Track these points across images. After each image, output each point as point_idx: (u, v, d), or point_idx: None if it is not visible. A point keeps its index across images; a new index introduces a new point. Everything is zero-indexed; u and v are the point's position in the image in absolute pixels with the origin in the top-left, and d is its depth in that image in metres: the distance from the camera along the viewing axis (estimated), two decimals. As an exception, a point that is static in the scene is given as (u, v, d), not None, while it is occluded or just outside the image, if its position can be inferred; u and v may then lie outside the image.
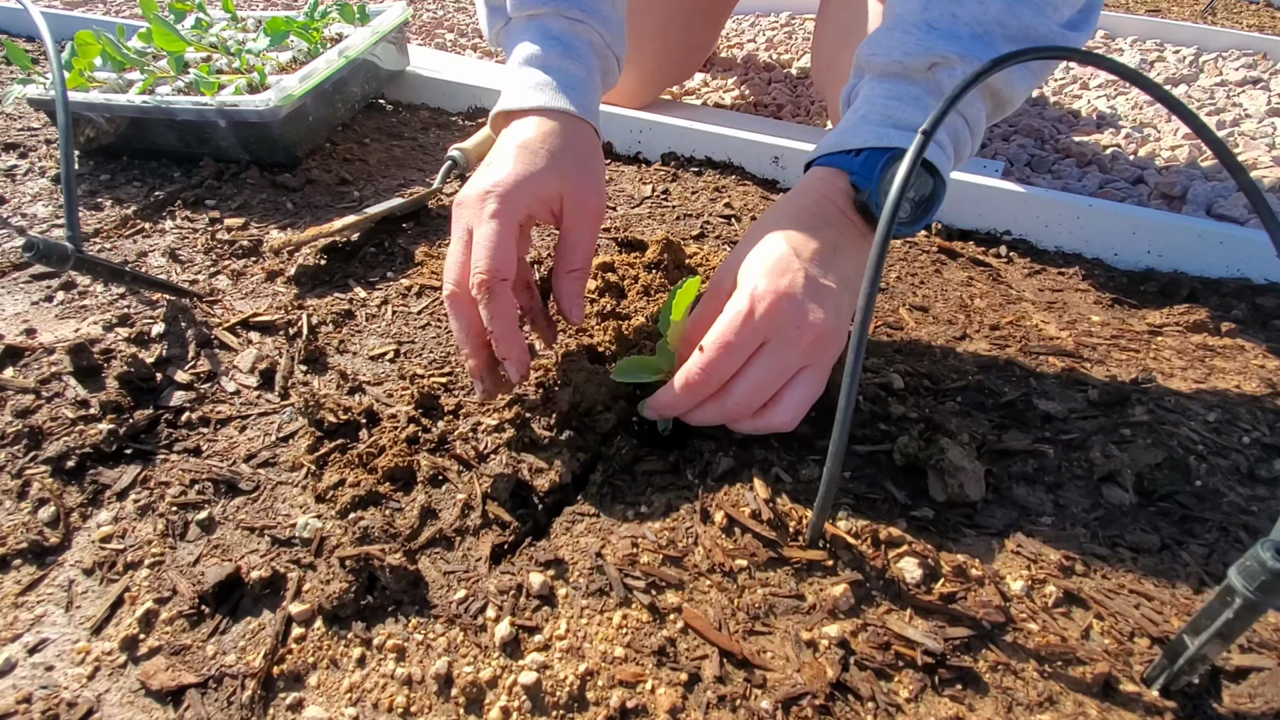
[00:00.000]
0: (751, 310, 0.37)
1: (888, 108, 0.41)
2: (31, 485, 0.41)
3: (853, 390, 0.31)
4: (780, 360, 0.38)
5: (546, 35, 0.46)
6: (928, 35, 0.40)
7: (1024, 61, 0.34)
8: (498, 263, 0.39)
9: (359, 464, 0.42)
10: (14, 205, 0.74)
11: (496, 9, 0.48)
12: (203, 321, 0.54)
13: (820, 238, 0.41)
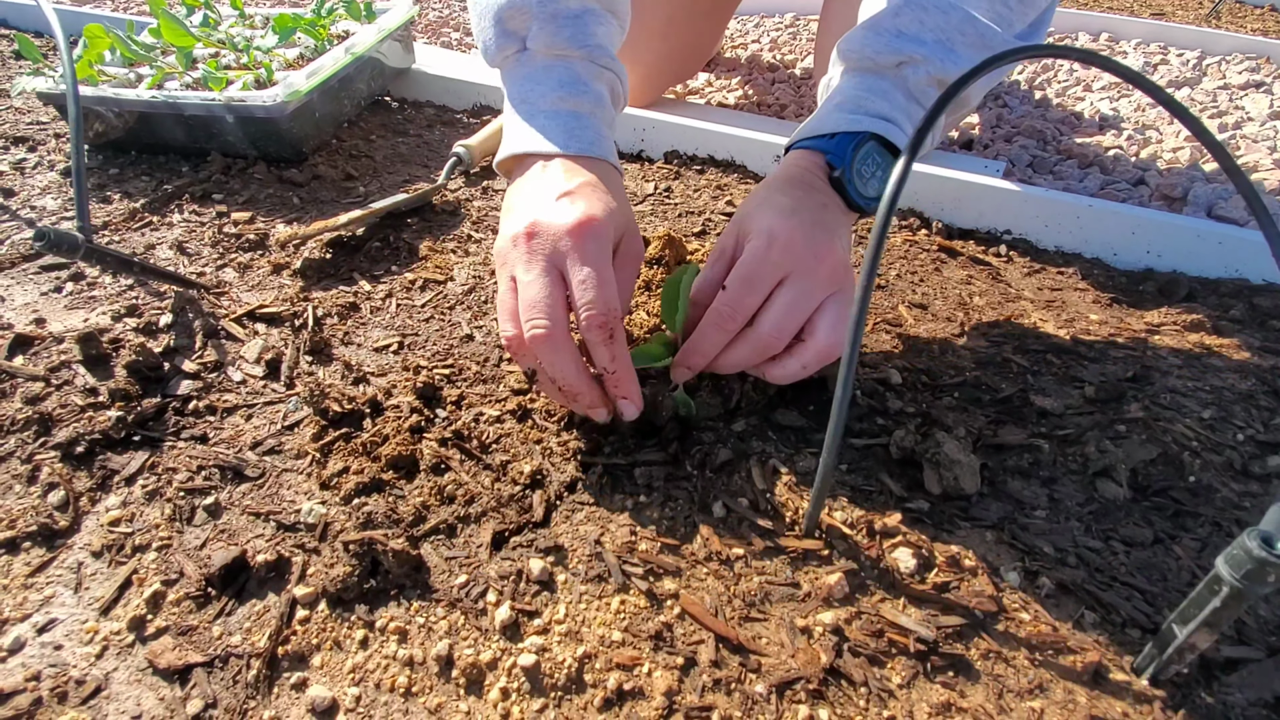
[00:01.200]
0: (769, 246, 0.40)
1: (859, 99, 0.45)
2: (41, 470, 0.42)
3: (849, 381, 0.32)
4: (803, 286, 0.40)
5: (577, 80, 0.45)
6: (897, 39, 0.44)
7: (1009, 63, 0.35)
8: (616, 300, 0.38)
9: (363, 452, 0.43)
10: (23, 198, 0.75)
11: (511, 34, 0.46)
12: (210, 313, 0.55)
13: (811, 199, 0.44)
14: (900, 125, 0.44)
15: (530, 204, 0.42)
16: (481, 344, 0.53)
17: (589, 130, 0.45)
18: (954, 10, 0.43)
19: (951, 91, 0.36)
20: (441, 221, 0.70)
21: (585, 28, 0.46)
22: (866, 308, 0.32)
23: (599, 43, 0.46)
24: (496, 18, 0.46)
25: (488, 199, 0.75)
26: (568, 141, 0.44)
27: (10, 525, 0.39)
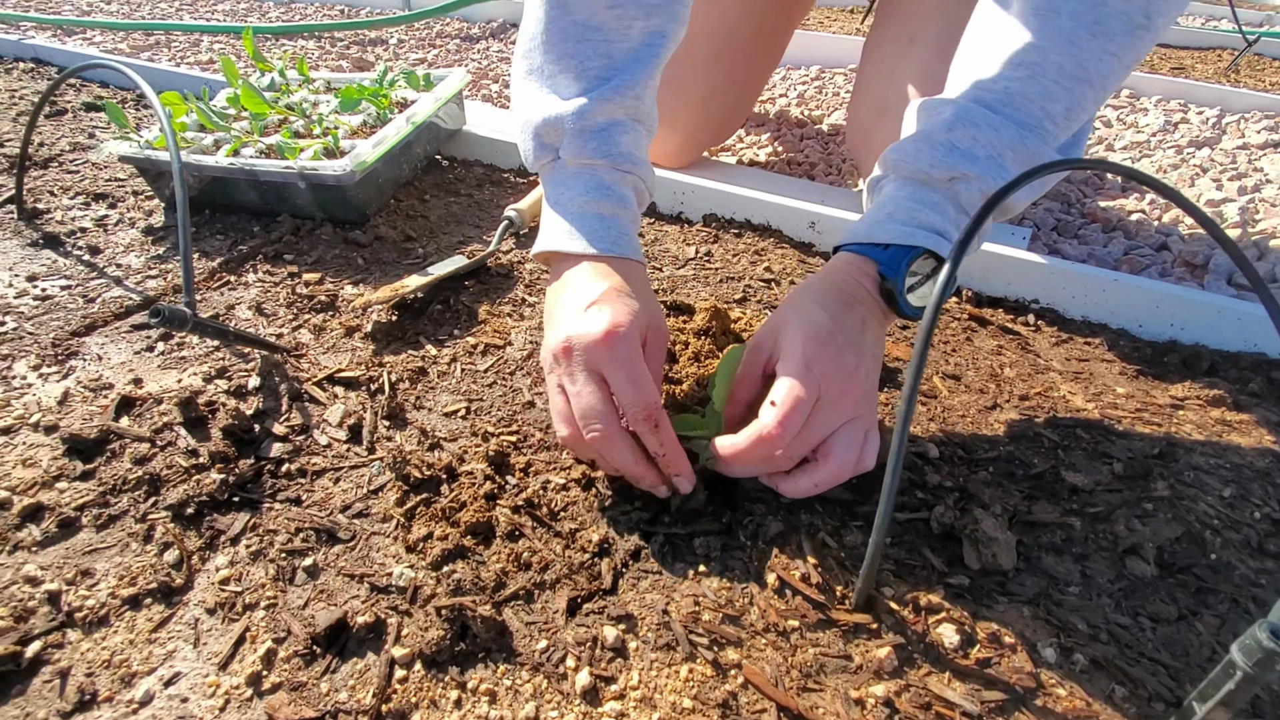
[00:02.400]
0: (807, 373, 0.42)
1: (912, 211, 0.48)
2: (156, 529, 0.46)
3: (897, 470, 0.36)
4: (827, 414, 0.43)
5: (602, 186, 0.51)
6: (950, 153, 0.46)
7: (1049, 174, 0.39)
8: (653, 394, 0.44)
9: (443, 517, 0.47)
10: (108, 255, 0.81)
11: (547, 146, 0.52)
12: (294, 376, 0.60)
13: (853, 314, 0.47)
14: (950, 238, 0.47)
15: (565, 317, 0.47)
16: (542, 410, 0.57)
17: (612, 230, 0.51)
18: (1005, 129, 0.46)
19: (994, 202, 0.40)
20: (496, 284, 0.75)
21: (611, 139, 0.51)
22: (912, 411, 0.36)
23: (623, 151, 0.52)
24: (535, 133, 0.52)
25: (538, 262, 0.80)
26: (593, 241, 0.50)
27: (132, 582, 0.43)
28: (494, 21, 2.26)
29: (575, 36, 0.50)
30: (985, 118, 0.46)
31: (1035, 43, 0.46)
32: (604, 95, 0.49)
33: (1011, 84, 0.46)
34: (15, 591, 0.43)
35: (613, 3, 0.49)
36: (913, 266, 0.46)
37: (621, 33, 0.50)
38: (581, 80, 0.50)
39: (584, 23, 0.50)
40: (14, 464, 0.51)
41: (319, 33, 2.08)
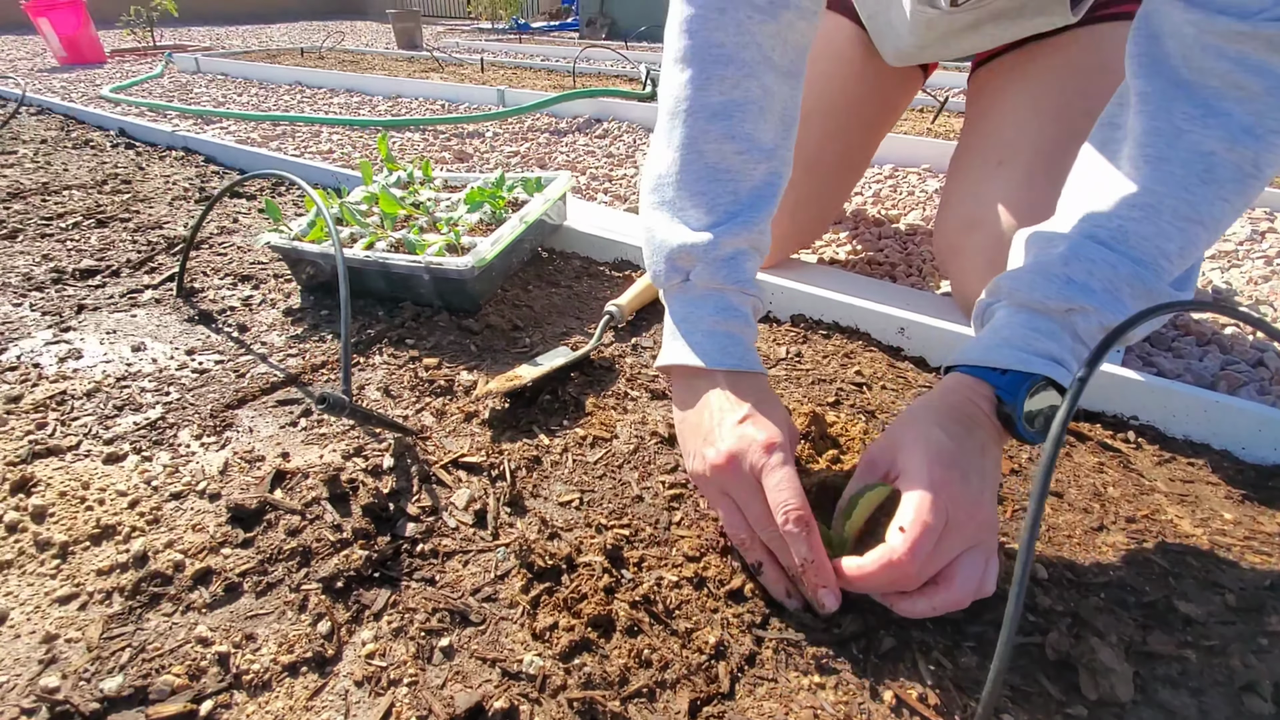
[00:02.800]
0: (935, 498, 0.44)
1: (1028, 337, 0.50)
2: (309, 600, 0.51)
3: (1020, 598, 0.37)
4: (952, 541, 0.44)
5: (730, 307, 0.57)
6: (1067, 286, 0.49)
7: (1167, 314, 0.41)
8: (805, 499, 0.48)
9: (566, 608, 0.50)
10: (254, 333, 0.90)
11: (679, 269, 0.57)
12: (423, 458, 0.65)
13: (973, 437, 0.49)
14: (1068, 365, 0.49)
15: (721, 432, 0.52)
16: (650, 505, 0.61)
17: (739, 347, 0.57)
18: (1122, 264, 0.48)
19: (1115, 336, 0.42)
20: (599, 377, 0.80)
21: (738, 266, 0.57)
22: (1034, 541, 0.37)
23: (748, 277, 0.58)
24: (668, 257, 0.58)
25: (638, 355, 0.85)
26: (723, 358, 0.56)
27: (290, 650, 0.47)
28: (579, 118, 2.44)
29: (708, 178, 0.57)
30: (1101, 254, 0.49)
31: (1149, 186, 0.49)
32: (732, 229, 0.56)
33: (1127, 223, 0.49)
34: (189, 650, 0.47)
35: (740, 149, 0.57)
36: (1035, 396, 0.48)
37: (747, 174, 0.57)
38: (712, 214, 0.57)
39: (715, 166, 0.57)
40: (185, 528, 0.57)
41: (424, 126, 2.28)
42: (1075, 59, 0.81)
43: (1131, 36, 0.51)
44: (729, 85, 0.57)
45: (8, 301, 0.99)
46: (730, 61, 0.57)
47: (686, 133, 0.58)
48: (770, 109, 0.58)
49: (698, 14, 0.57)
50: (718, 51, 0.57)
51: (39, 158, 1.77)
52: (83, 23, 4.19)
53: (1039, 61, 0.84)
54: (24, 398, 0.75)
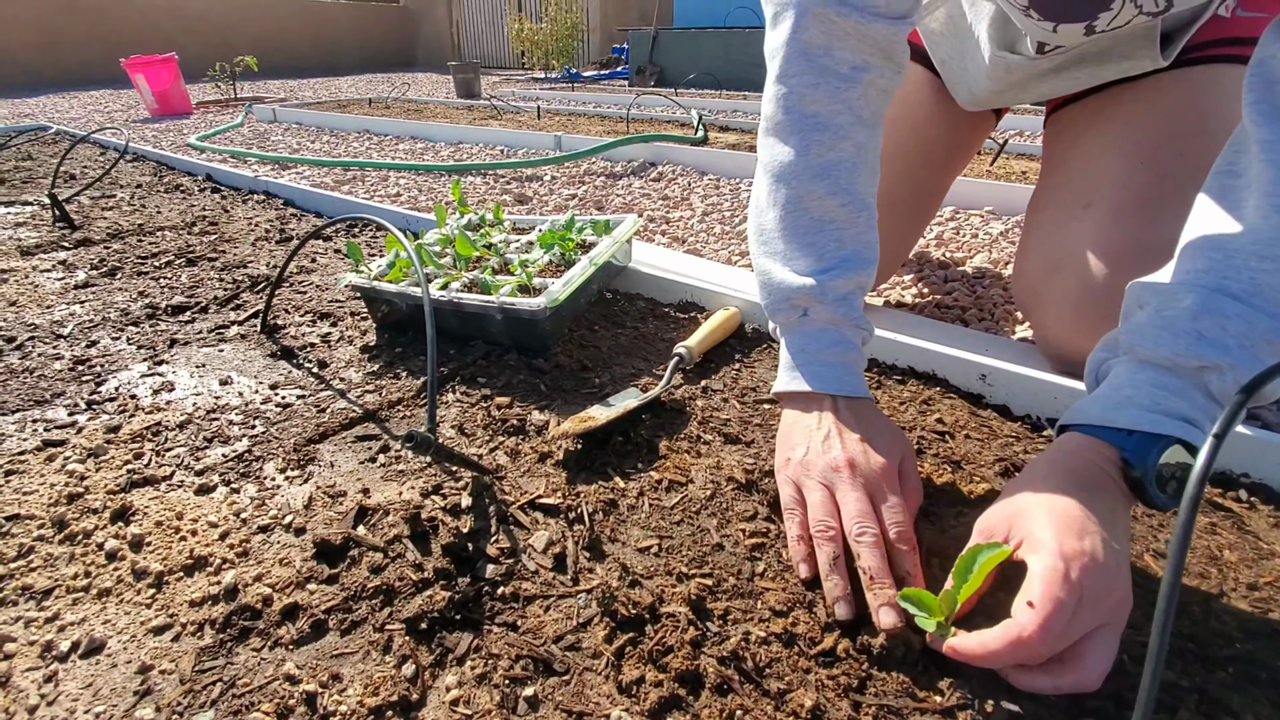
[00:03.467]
0: (1067, 571, 0.40)
1: (1155, 396, 0.47)
2: (393, 641, 0.51)
3: (1156, 674, 0.34)
4: (1087, 617, 0.41)
5: (844, 340, 0.63)
6: (1198, 342, 0.45)
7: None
8: (872, 521, 0.53)
9: (651, 660, 0.48)
10: (333, 370, 0.93)
11: (796, 307, 0.64)
12: (501, 499, 0.65)
13: (1101, 502, 0.45)
14: (1201, 427, 0.45)
15: (841, 440, 0.58)
16: (730, 555, 0.59)
17: (853, 377, 0.63)
18: (1259, 320, 0.44)
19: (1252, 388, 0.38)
20: (670, 419, 0.80)
21: (851, 304, 0.63)
22: (1170, 621, 0.35)
23: (859, 313, 0.63)
24: (787, 296, 0.64)
25: (708, 398, 0.84)
26: (840, 386, 0.62)
27: (375, 692, 0.47)
28: (634, 161, 2.50)
29: (814, 229, 0.63)
30: (1234, 308, 0.45)
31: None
32: (843, 272, 0.62)
33: (1260, 275, 0.45)
34: (278, 688, 0.48)
35: (842, 203, 0.63)
36: (1166, 460, 0.45)
37: (850, 223, 0.63)
38: (823, 260, 0.63)
39: (820, 219, 0.63)
40: (273, 562, 0.58)
41: (485, 170, 2.36)
42: (1165, 102, 0.78)
43: (1247, 84, 0.49)
44: (825, 149, 0.63)
45: (107, 335, 1.04)
46: (825, 128, 0.63)
47: (790, 193, 0.64)
48: (864, 162, 0.64)
49: (792, 90, 0.64)
50: (813, 121, 0.63)
51: (135, 201, 1.90)
52: (174, 78, 4.53)
53: (1126, 103, 0.82)
54: (122, 428, 0.79)
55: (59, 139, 3.18)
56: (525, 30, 7.95)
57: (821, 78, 0.62)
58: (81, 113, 4.78)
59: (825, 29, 0.61)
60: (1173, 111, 0.77)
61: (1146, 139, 0.78)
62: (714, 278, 1.16)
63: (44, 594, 0.56)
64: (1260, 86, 0.48)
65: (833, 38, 0.62)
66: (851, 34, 0.61)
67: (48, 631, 0.53)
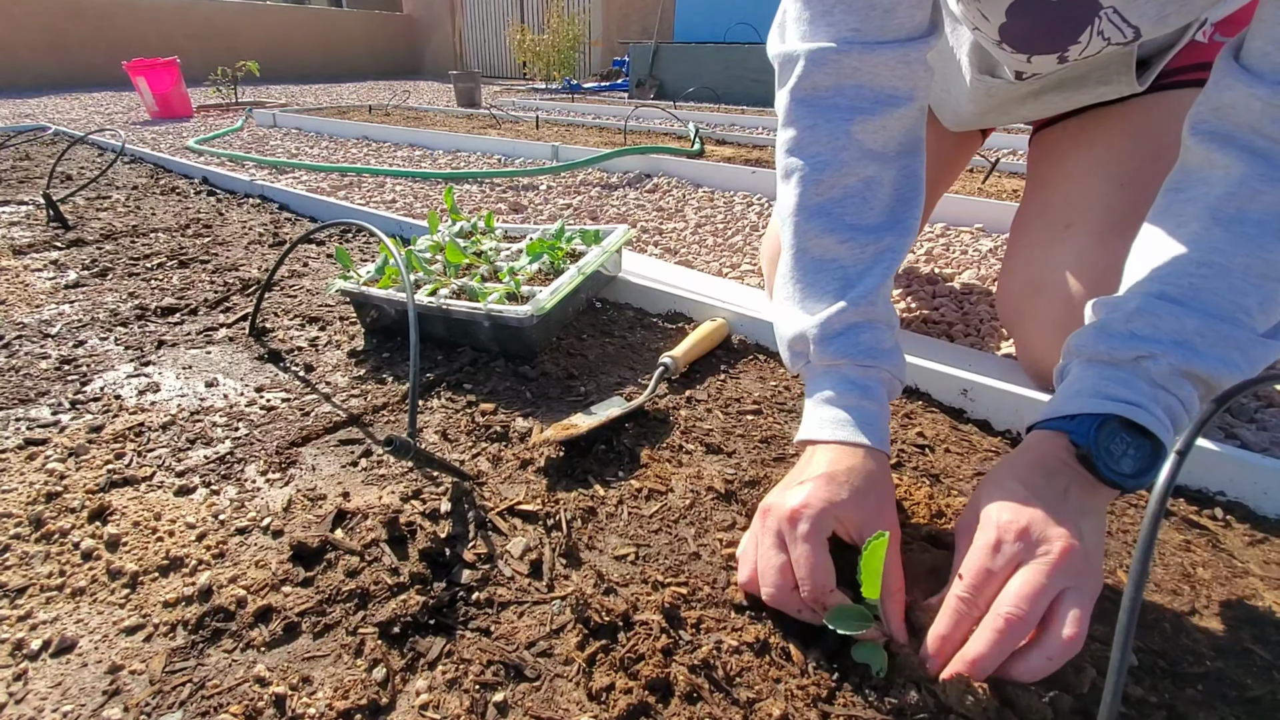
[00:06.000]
0: (999, 540, 0.44)
1: (1097, 385, 0.50)
2: (365, 644, 0.51)
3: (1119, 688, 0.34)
4: (1036, 574, 0.44)
5: (845, 380, 0.59)
6: (1131, 339, 0.49)
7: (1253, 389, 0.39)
8: (821, 580, 0.50)
9: (622, 668, 0.48)
10: (319, 373, 0.93)
11: (799, 354, 0.63)
12: (480, 505, 0.65)
13: (1051, 482, 0.49)
14: (1146, 408, 0.47)
15: (781, 485, 0.58)
16: (707, 564, 0.59)
17: (852, 421, 0.58)
18: (1189, 317, 0.47)
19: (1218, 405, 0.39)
20: (654, 429, 0.80)
21: (850, 340, 0.60)
22: (1138, 607, 0.35)
23: (864, 348, 0.59)
24: (788, 344, 0.64)
25: (691, 408, 0.84)
26: (834, 432, 0.58)
27: (345, 696, 0.47)
28: (630, 173, 2.51)
29: (815, 269, 0.62)
30: (1167, 309, 0.49)
31: (1218, 246, 0.49)
32: (840, 308, 0.59)
33: (1197, 280, 0.48)
34: (247, 690, 0.47)
35: (843, 239, 0.61)
36: (1114, 437, 0.47)
37: (854, 258, 0.61)
38: (823, 299, 0.61)
39: (820, 258, 0.62)
40: (249, 564, 0.58)
41: (482, 179, 2.38)
42: (1145, 125, 0.80)
43: (1194, 113, 0.52)
44: (826, 187, 0.62)
45: (95, 335, 1.04)
46: (826, 167, 0.62)
47: (793, 235, 0.64)
48: (875, 195, 0.62)
49: (796, 134, 0.64)
50: (814, 161, 0.62)
51: (130, 202, 1.91)
52: (175, 81, 4.55)
53: (1107, 126, 0.83)
54: (105, 428, 0.79)
55: (57, 140, 3.19)
56: (527, 41, 8.01)
57: (822, 118, 0.61)
58: (82, 114, 4.79)
59: (830, 71, 0.61)
60: (1152, 135, 0.78)
61: (1127, 161, 0.79)
62: (702, 289, 1.17)
63: (17, 592, 0.56)
64: (1207, 114, 0.52)
65: (840, 78, 0.61)
66: (859, 69, 0.60)
67: (19, 630, 0.52)
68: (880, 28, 0.60)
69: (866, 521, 0.53)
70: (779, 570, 0.52)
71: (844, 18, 0.60)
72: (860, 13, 0.60)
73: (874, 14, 0.60)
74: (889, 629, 0.49)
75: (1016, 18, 0.71)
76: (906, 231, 0.63)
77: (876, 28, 0.60)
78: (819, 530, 0.51)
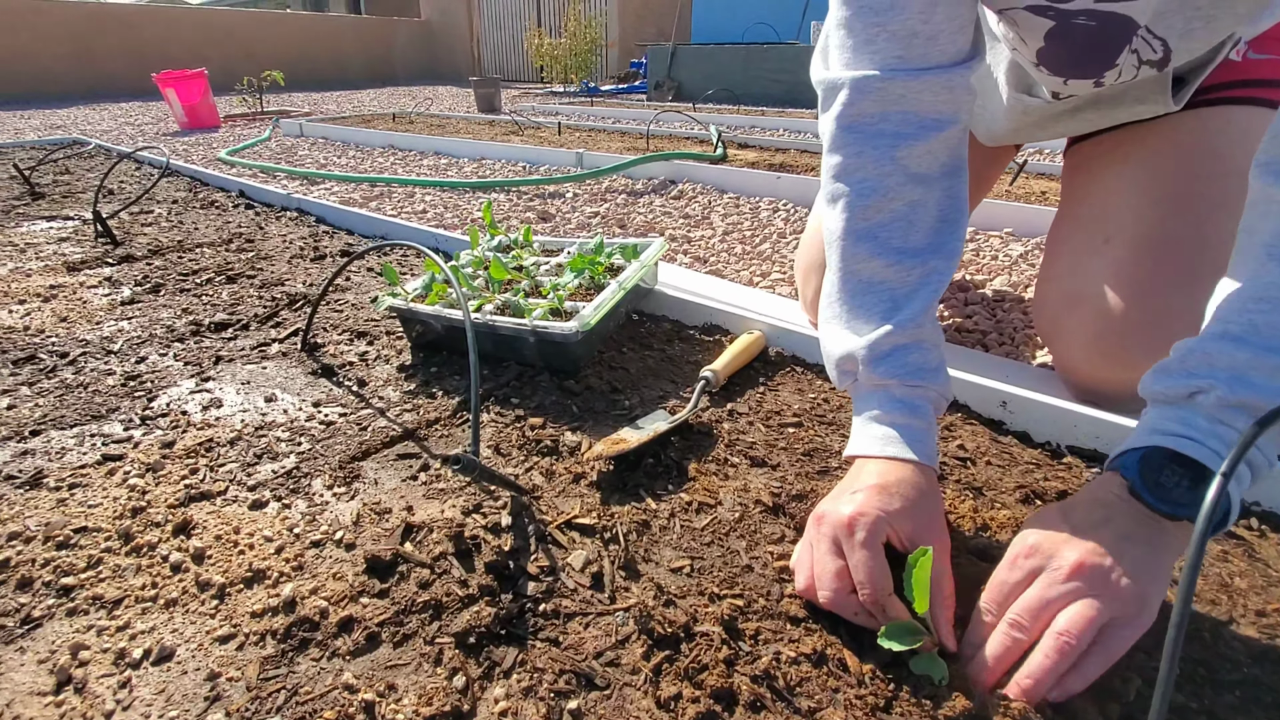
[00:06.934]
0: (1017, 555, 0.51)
1: (1154, 423, 0.52)
2: (443, 654, 0.54)
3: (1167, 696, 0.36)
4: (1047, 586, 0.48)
5: (893, 400, 0.61)
6: (1187, 377, 0.50)
7: None
8: (880, 582, 0.53)
9: (687, 677, 0.51)
10: (372, 388, 0.97)
11: (847, 373, 0.65)
12: (539, 518, 0.68)
13: (1090, 511, 0.51)
14: (1199, 441, 0.48)
15: (833, 494, 0.61)
16: (760, 575, 0.62)
17: (894, 439, 0.61)
18: (1243, 351, 0.48)
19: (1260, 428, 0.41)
20: (698, 442, 0.82)
21: (897, 361, 0.62)
22: (1179, 645, 0.37)
23: (912, 369, 0.62)
24: (836, 363, 0.66)
25: (734, 421, 0.87)
26: (883, 448, 0.60)
27: (429, 702, 0.50)
28: (654, 179, 2.54)
29: (862, 292, 0.64)
30: (1221, 345, 0.49)
31: (1275, 281, 0.49)
32: (887, 330, 0.61)
33: (1254, 315, 0.49)
34: (338, 696, 0.51)
35: (889, 262, 0.63)
36: (1161, 469, 0.49)
37: (901, 280, 0.63)
38: (871, 322, 0.63)
39: (867, 281, 0.64)
40: (326, 576, 0.62)
41: (509, 188, 2.41)
42: (1182, 142, 0.81)
43: (1259, 151, 0.52)
44: (872, 212, 0.64)
45: (155, 351, 1.09)
46: (872, 192, 0.64)
47: (840, 258, 0.66)
48: (920, 218, 0.64)
49: (842, 160, 0.66)
50: (860, 187, 0.64)
51: (172, 217, 1.97)
52: (203, 92, 4.65)
53: (1144, 142, 0.84)
54: (176, 443, 0.83)
55: (96, 154, 3.28)
56: (545, 45, 8.06)
57: (868, 144, 0.63)
58: (112, 125, 4.91)
59: (875, 98, 0.63)
60: (1189, 151, 0.79)
61: (1164, 177, 0.80)
62: (738, 300, 1.19)
63: (114, 604, 0.60)
64: (1271, 150, 0.51)
65: (885, 104, 0.63)
66: (904, 95, 0.62)
67: (120, 639, 0.56)
68: (924, 55, 0.62)
69: (918, 530, 0.55)
70: (836, 575, 0.55)
71: (888, 45, 0.62)
72: (904, 41, 0.62)
73: (917, 42, 0.62)
74: (939, 637, 0.51)
75: (1054, 41, 0.73)
76: (951, 255, 0.65)
77: (920, 55, 0.62)
78: (875, 536, 0.54)
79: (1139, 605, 0.47)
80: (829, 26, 0.68)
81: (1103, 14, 0.67)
